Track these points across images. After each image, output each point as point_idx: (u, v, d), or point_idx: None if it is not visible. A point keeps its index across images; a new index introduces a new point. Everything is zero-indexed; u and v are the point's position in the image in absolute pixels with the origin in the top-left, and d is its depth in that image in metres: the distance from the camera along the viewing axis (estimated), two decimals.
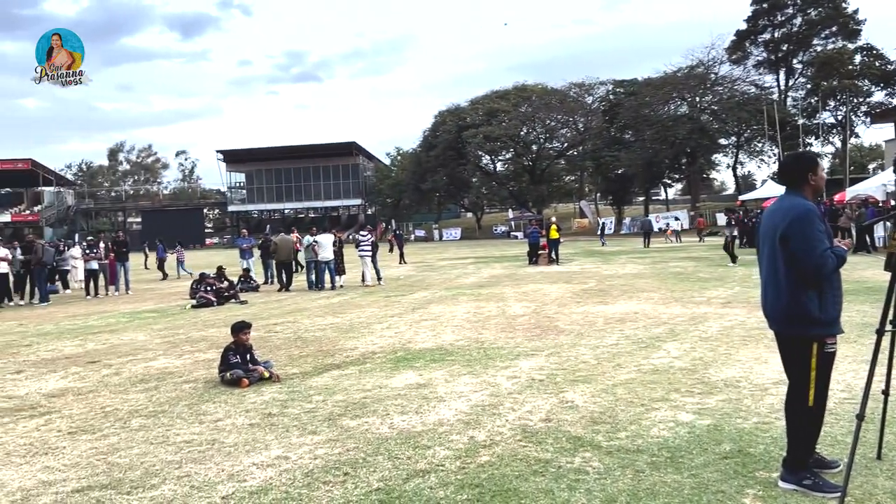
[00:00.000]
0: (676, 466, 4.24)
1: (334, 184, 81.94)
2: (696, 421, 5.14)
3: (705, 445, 4.60)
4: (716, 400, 5.69)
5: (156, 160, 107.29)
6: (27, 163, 77.63)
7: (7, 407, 6.55)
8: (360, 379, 7.09)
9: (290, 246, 19.19)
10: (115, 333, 11.38)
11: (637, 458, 4.41)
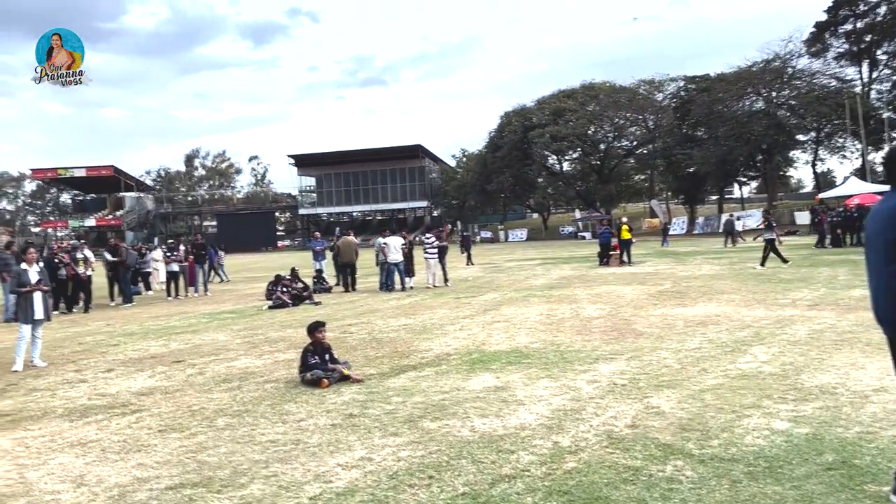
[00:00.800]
0: (776, 477, 4.04)
1: (401, 186, 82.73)
2: (793, 429, 4.90)
3: (805, 455, 4.37)
4: (812, 407, 5.42)
5: (229, 165, 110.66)
6: (109, 169, 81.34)
7: (101, 405, 6.81)
8: (437, 380, 7.07)
9: (352, 248, 19.45)
10: (196, 334, 11.73)
11: (732, 468, 4.22)
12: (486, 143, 72.27)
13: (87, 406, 6.76)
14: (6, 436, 5.80)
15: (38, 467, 4.91)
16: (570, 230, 67.04)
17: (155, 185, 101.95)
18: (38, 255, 10.01)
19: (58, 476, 4.71)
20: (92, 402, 6.91)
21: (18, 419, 6.36)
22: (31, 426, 6.08)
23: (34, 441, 5.60)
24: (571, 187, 70.93)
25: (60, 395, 7.35)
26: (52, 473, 4.76)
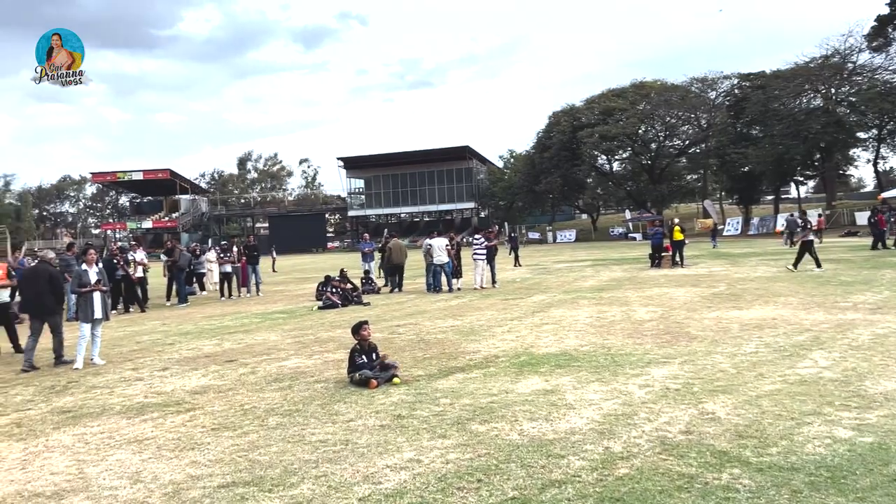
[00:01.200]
0: (839, 488, 3.88)
1: (448, 188, 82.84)
2: (857, 438, 4.71)
3: (870, 465, 4.19)
4: (877, 416, 5.20)
5: (281, 168, 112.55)
6: (166, 173, 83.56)
7: (157, 402, 6.97)
8: (485, 383, 7.03)
9: (402, 250, 19.54)
10: (248, 333, 11.93)
11: (792, 477, 4.08)
12: (534, 144, 71.86)
13: (143, 404, 6.93)
14: (67, 432, 5.98)
15: (97, 463, 5.05)
16: (620, 231, 66.12)
17: (209, 187, 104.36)
18: (97, 257, 10.31)
19: (115, 472, 4.83)
20: (148, 400, 7.08)
21: (79, 416, 6.56)
22: (91, 423, 6.26)
23: (93, 437, 5.76)
24: (621, 187, 69.94)
25: (118, 392, 7.55)
26: (109, 469, 4.89)
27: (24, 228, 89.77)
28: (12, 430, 6.11)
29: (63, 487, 4.56)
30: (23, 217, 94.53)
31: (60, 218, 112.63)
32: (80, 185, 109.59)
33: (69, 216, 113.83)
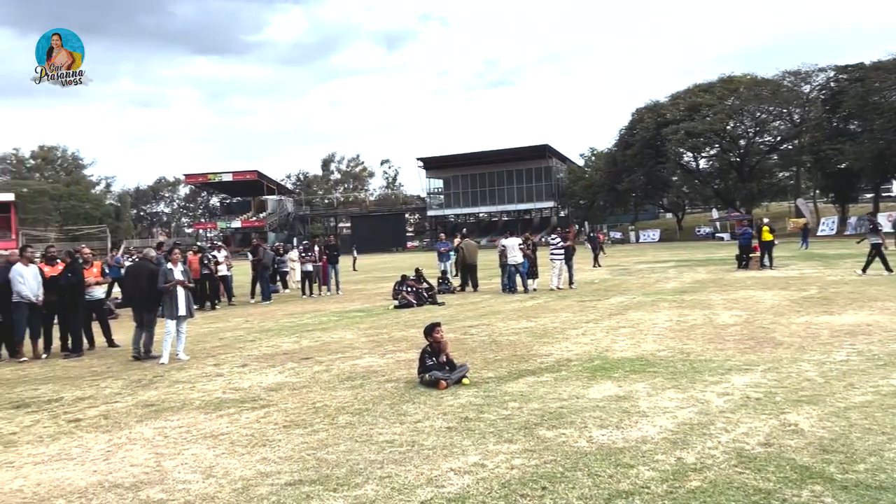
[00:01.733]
0: None
1: (527, 187, 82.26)
2: None
3: None
4: None
5: (363, 169, 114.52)
6: (254, 174, 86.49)
7: (233, 398, 7.19)
8: (555, 387, 6.91)
9: (475, 249, 19.59)
10: (326, 331, 12.17)
11: (880, 497, 3.80)
12: (616, 141, 70.39)
13: (221, 399, 7.16)
14: (149, 425, 6.24)
15: (174, 456, 5.24)
16: (706, 231, 63.96)
17: (294, 188, 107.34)
18: (182, 256, 10.73)
19: (190, 466, 4.99)
20: (226, 396, 7.31)
21: (161, 409, 6.84)
22: (171, 417, 6.51)
23: (172, 431, 5.98)
24: (708, 186, 67.59)
25: (199, 387, 7.83)
26: (185, 463, 5.06)
27: (123, 228, 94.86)
28: (100, 422, 6.42)
29: (141, 479, 4.75)
30: (122, 217, 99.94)
31: (156, 218, 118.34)
32: (174, 187, 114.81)
33: (164, 216, 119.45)
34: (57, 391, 8.03)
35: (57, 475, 4.92)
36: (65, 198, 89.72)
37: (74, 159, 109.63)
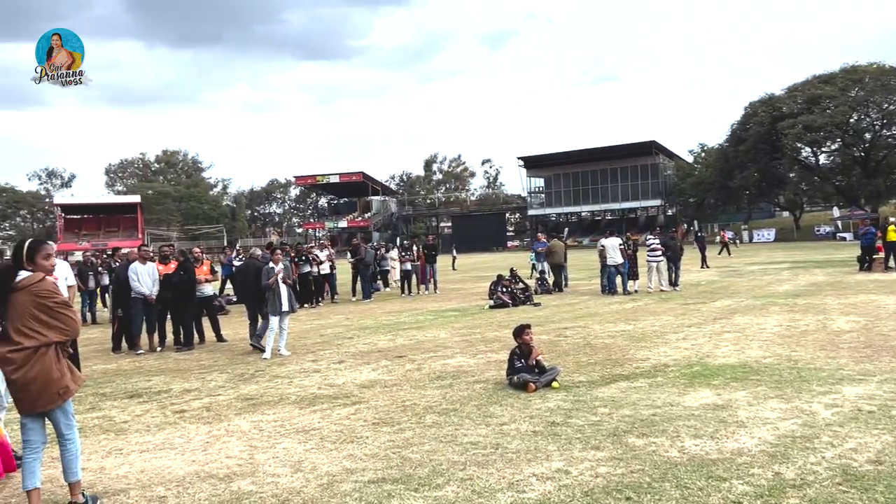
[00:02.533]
0: None
1: (632, 185, 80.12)
2: None
3: None
4: None
5: (464, 169, 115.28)
6: (359, 175, 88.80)
7: (327, 394, 7.38)
8: (649, 393, 6.67)
9: (562, 250, 19.53)
10: (421, 330, 12.31)
11: None
12: (728, 137, 67.34)
13: (315, 395, 7.37)
14: (247, 418, 6.51)
15: (266, 450, 5.43)
16: (827, 230, 60.09)
17: (398, 188, 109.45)
18: (283, 256, 11.13)
19: (280, 460, 5.16)
20: (321, 392, 7.52)
21: (258, 403, 7.11)
22: (268, 411, 6.76)
23: (267, 425, 6.21)
24: (829, 182, 63.48)
25: (296, 383, 8.10)
26: (276, 457, 5.23)
27: (238, 228, 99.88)
28: (202, 414, 6.76)
29: (234, 471, 4.95)
30: (237, 217, 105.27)
31: (269, 218, 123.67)
32: (285, 188, 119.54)
33: (276, 216, 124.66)
34: (167, 383, 8.53)
35: (159, 463, 5.21)
36: (185, 199, 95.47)
37: (194, 163, 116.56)
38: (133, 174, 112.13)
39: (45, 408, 4.18)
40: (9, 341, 4.07)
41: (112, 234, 76.21)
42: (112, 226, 79.29)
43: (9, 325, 4.09)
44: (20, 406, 4.19)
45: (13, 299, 4.10)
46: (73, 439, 4.32)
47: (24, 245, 4.33)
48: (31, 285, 4.13)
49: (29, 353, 4.06)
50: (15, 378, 4.07)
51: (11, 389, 4.17)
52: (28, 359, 4.06)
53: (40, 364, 4.09)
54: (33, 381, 4.08)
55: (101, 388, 8.29)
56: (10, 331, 4.08)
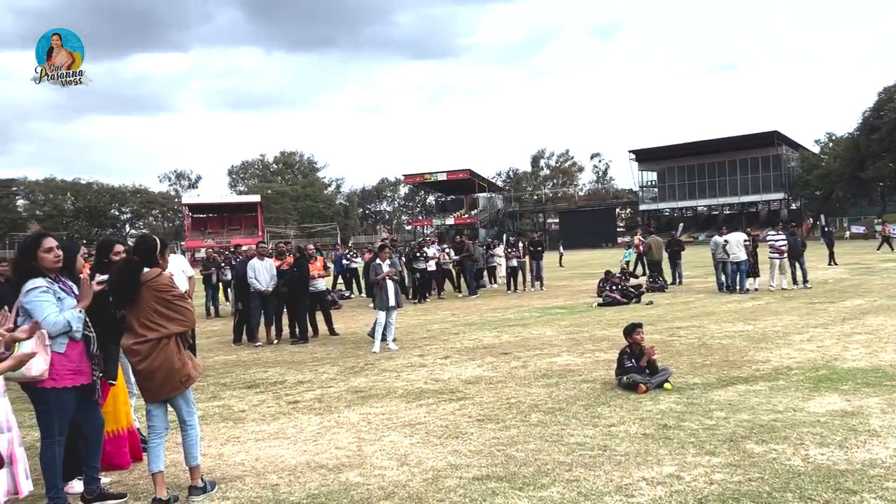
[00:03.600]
0: None
1: (752, 177, 76.17)
2: None
3: None
4: None
5: (572, 164, 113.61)
6: (466, 173, 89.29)
7: (433, 389, 7.45)
8: (770, 397, 6.29)
9: (660, 246, 19.47)
10: (526, 327, 12.20)
11: None
12: (859, 125, 62.89)
13: (422, 389, 7.45)
14: (356, 410, 6.66)
15: (374, 442, 5.53)
16: None
17: (504, 185, 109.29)
18: (390, 253, 11.32)
19: (387, 452, 5.24)
20: (427, 387, 7.59)
21: (367, 396, 7.27)
22: (376, 404, 6.89)
23: (376, 418, 6.33)
24: None
25: (403, 377, 8.22)
26: (383, 449, 5.33)
27: (351, 225, 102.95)
28: (314, 405, 6.98)
29: (342, 462, 5.08)
30: (350, 215, 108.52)
31: (379, 216, 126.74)
32: (395, 186, 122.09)
33: (386, 214, 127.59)
34: (282, 374, 8.89)
35: (273, 452, 5.42)
36: (301, 198, 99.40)
37: (310, 163, 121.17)
38: (253, 175, 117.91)
39: (169, 395, 4.44)
40: (134, 333, 4.35)
41: (234, 231, 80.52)
42: (234, 224, 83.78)
43: (132, 318, 4.37)
44: (146, 394, 4.47)
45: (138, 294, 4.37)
46: (193, 425, 4.56)
47: (154, 243, 4.60)
48: (150, 280, 4.39)
49: (153, 345, 4.33)
50: (141, 368, 4.35)
51: (137, 379, 4.45)
52: (152, 349, 4.33)
53: (163, 354, 4.35)
54: (158, 371, 4.34)
55: (221, 378, 8.74)
56: (133, 324, 4.36)
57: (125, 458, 5.19)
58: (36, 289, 4.16)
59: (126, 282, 4.37)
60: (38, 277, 4.20)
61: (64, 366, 4.19)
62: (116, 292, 4.41)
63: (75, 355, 4.28)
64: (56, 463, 4.25)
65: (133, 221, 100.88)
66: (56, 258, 4.30)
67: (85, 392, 4.36)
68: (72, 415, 4.32)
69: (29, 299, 4.15)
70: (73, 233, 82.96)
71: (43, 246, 4.26)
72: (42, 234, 4.43)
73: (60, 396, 4.21)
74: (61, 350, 4.18)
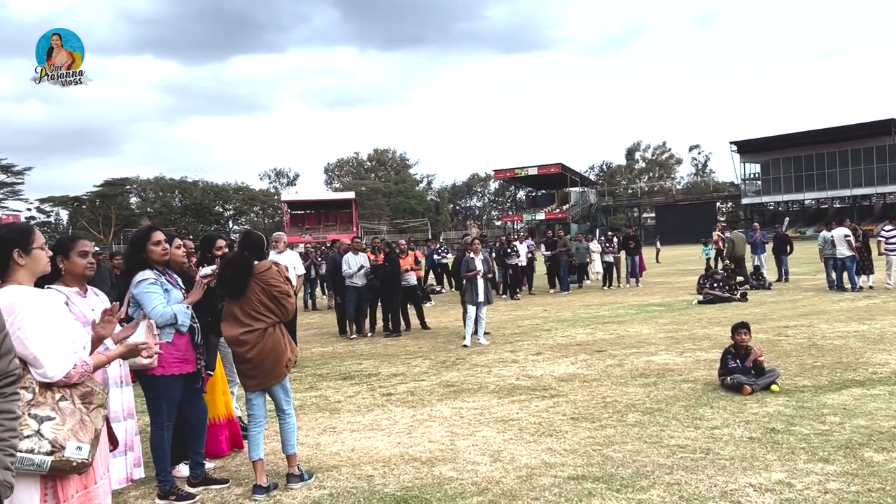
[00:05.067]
0: None
1: (866, 168, 71.48)
2: None
3: None
4: None
5: (669, 156, 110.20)
6: (557, 167, 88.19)
7: (525, 385, 7.35)
8: (890, 402, 5.85)
9: (745, 242, 18.75)
10: (622, 325, 11.89)
11: None
12: None
13: (514, 385, 7.38)
14: (448, 404, 6.66)
15: (466, 437, 5.51)
16: None
17: (597, 179, 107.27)
18: (481, 247, 11.26)
19: (480, 448, 5.21)
20: (519, 383, 7.51)
21: (459, 390, 7.26)
22: (468, 398, 6.87)
23: (468, 412, 6.31)
24: None
25: (495, 372, 8.17)
26: (475, 445, 5.29)
27: (441, 221, 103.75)
28: (407, 398, 7.03)
29: (435, 455, 5.08)
30: (440, 211, 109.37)
31: (469, 211, 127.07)
32: (485, 182, 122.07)
33: (476, 210, 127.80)
34: (376, 367, 9.01)
35: (368, 443, 5.49)
36: (394, 195, 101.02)
37: (402, 160, 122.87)
38: (348, 172, 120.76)
39: (278, 380, 4.59)
40: (239, 323, 4.49)
41: (330, 227, 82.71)
42: (330, 220, 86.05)
43: (236, 309, 4.52)
44: (251, 382, 4.60)
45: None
46: (291, 414, 4.67)
47: (261, 239, 4.77)
48: (260, 273, 4.53)
49: (259, 334, 4.48)
50: (251, 356, 4.49)
51: (245, 368, 4.58)
52: (259, 338, 4.48)
53: (272, 341, 4.52)
54: (268, 357, 4.50)
55: (318, 370, 8.96)
56: (238, 314, 4.50)
57: (223, 445, 5.38)
58: (145, 280, 4.36)
59: (240, 275, 4.53)
60: (147, 269, 4.40)
61: (172, 354, 4.38)
62: (229, 284, 4.57)
63: (182, 345, 4.47)
64: (165, 447, 4.46)
65: (236, 218, 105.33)
66: (164, 251, 4.49)
67: (190, 380, 4.55)
68: (178, 401, 4.51)
69: (139, 290, 4.35)
70: (180, 228, 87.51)
71: (152, 239, 4.46)
72: (152, 228, 4.63)
73: (168, 383, 4.41)
74: (169, 339, 4.37)
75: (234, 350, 4.63)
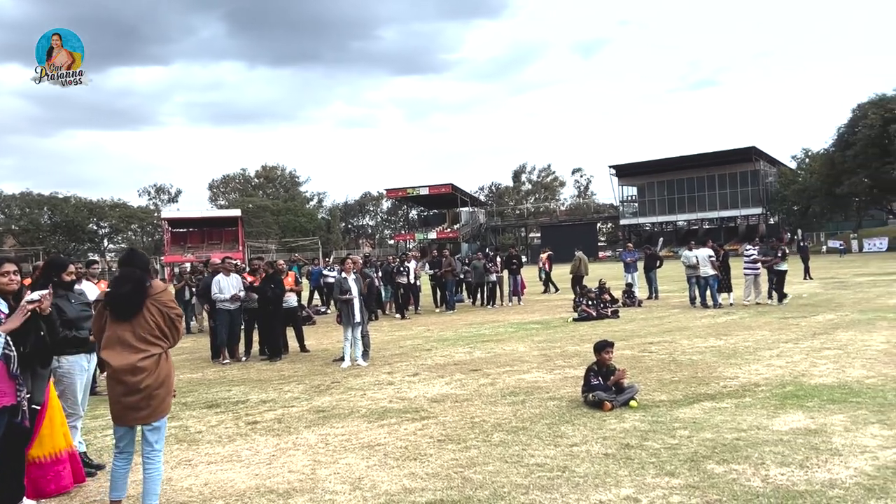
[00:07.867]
0: None
1: (731, 192, 76.95)
2: None
3: None
4: None
5: (553, 178, 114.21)
6: (448, 187, 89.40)
7: (397, 408, 7.30)
8: (735, 415, 6.22)
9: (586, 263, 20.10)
10: (499, 343, 12.09)
11: None
12: (834, 141, 63.65)
13: (385, 409, 7.30)
14: (315, 431, 6.49)
15: (329, 465, 5.37)
16: None
17: (487, 199, 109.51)
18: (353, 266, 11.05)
19: (341, 476, 5.08)
20: (391, 406, 7.44)
21: (329, 416, 7.10)
22: (337, 424, 6.73)
23: (334, 439, 6.17)
24: None
25: (369, 395, 8.06)
26: (337, 473, 5.17)
27: (333, 240, 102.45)
28: (273, 426, 6.80)
29: (294, 486, 4.91)
30: (332, 229, 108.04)
31: (362, 230, 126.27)
32: (377, 201, 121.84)
33: (369, 228, 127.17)
34: (245, 393, 8.68)
35: (223, 476, 5.23)
36: (283, 213, 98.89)
37: (292, 177, 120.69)
38: (234, 189, 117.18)
39: (166, 413, 4.38)
40: (132, 349, 4.21)
41: (215, 246, 79.68)
42: (215, 239, 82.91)
43: (127, 332, 4.23)
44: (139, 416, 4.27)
45: None
46: (160, 457, 4.39)
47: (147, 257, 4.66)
48: (156, 294, 4.30)
49: (156, 360, 4.27)
50: (146, 385, 4.20)
51: (133, 400, 4.21)
52: (156, 364, 4.27)
53: (166, 367, 4.36)
54: (162, 386, 4.29)
55: (183, 398, 8.50)
56: (129, 339, 4.22)
57: (65, 481, 4.99)
58: None
59: (139, 294, 4.28)
60: None
61: None
62: (126, 303, 4.28)
63: None
64: None
65: (111, 236, 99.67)
66: (10, 281, 4.25)
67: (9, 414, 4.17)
68: None
69: None
70: (49, 247, 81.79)
71: None
72: None
73: None
74: None
75: (126, 380, 4.20)
